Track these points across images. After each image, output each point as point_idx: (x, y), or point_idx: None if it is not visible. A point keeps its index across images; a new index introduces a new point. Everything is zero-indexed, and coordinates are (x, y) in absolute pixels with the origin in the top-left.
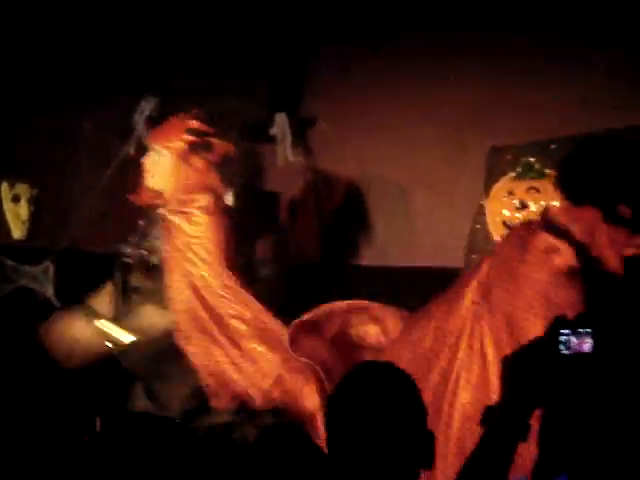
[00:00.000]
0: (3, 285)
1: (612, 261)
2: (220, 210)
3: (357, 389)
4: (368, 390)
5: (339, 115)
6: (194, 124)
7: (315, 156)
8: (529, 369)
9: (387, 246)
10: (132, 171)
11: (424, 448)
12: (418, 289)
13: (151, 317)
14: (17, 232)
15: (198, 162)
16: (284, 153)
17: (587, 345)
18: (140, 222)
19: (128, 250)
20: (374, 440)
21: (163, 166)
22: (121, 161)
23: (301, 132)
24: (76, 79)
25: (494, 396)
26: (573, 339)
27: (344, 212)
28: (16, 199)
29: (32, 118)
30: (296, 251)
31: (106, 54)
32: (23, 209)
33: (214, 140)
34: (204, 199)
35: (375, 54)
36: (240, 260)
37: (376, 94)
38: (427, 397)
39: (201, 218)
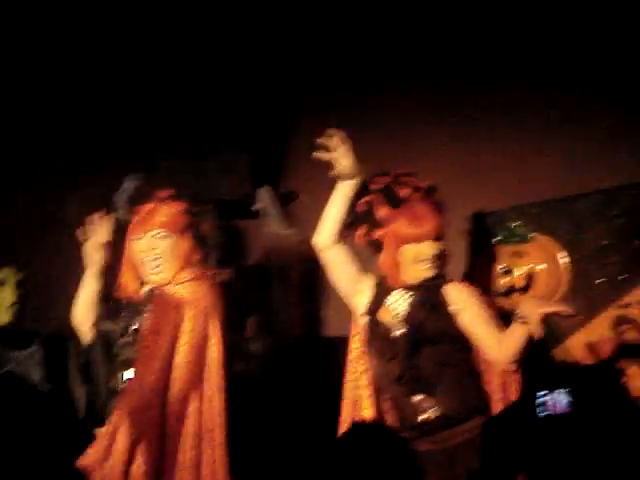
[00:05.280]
0: None
1: None
2: (208, 280)
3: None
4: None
5: (319, 186)
6: (184, 205)
7: (299, 227)
8: (509, 434)
9: None
10: (114, 253)
11: None
12: None
13: None
14: (3, 317)
15: (187, 242)
16: (271, 227)
17: (564, 405)
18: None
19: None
20: None
21: (164, 249)
22: None
23: (284, 205)
24: (59, 158)
25: None
26: (550, 400)
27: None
28: (1, 283)
29: (16, 200)
30: (285, 325)
31: (87, 134)
32: (9, 294)
33: (201, 219)
34: (192, 272)
35: (352, 124)
36: (230, 336)
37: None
38: None
39: (192, 286)
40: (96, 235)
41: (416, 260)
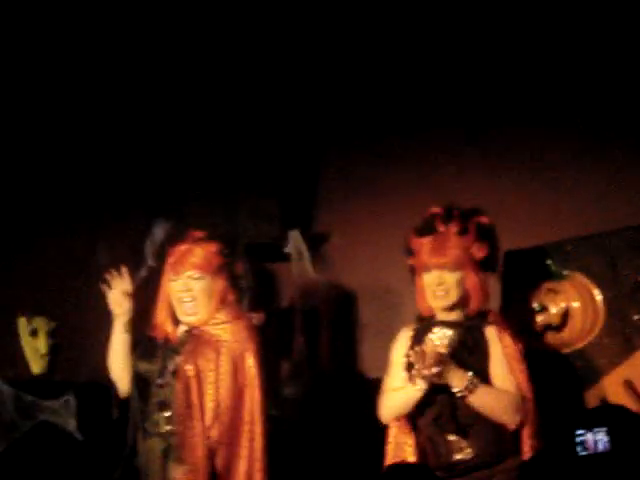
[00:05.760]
0: (24, 422)
1: None
2: (245, 321)
3: None
4: None
5: (351, 227)
6: (217, 246)
7: (330, 270)
8: (547, 474)
9: None
10: (146, 298)
11: None
12: None
13: None
14: (36, 367)
15: (221, 283)
16: (301, 270)
17: (603, 444)
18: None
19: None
20: None
21: (199, 290)
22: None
23: (315, 247)
24: (89, 206)
25: None
26: (589, 439)
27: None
28: (34, 333)
29: (47, 249)
30: (320, 368)
31: (117, 181)
32: (41, 343)
33: (234, 261)
34: (229, 313)
35: (382, 165)
36: (265, 380)
37: (386, 202)
38: None
39: (230, 328)
40: (119, 286)
41: (430, 288)
